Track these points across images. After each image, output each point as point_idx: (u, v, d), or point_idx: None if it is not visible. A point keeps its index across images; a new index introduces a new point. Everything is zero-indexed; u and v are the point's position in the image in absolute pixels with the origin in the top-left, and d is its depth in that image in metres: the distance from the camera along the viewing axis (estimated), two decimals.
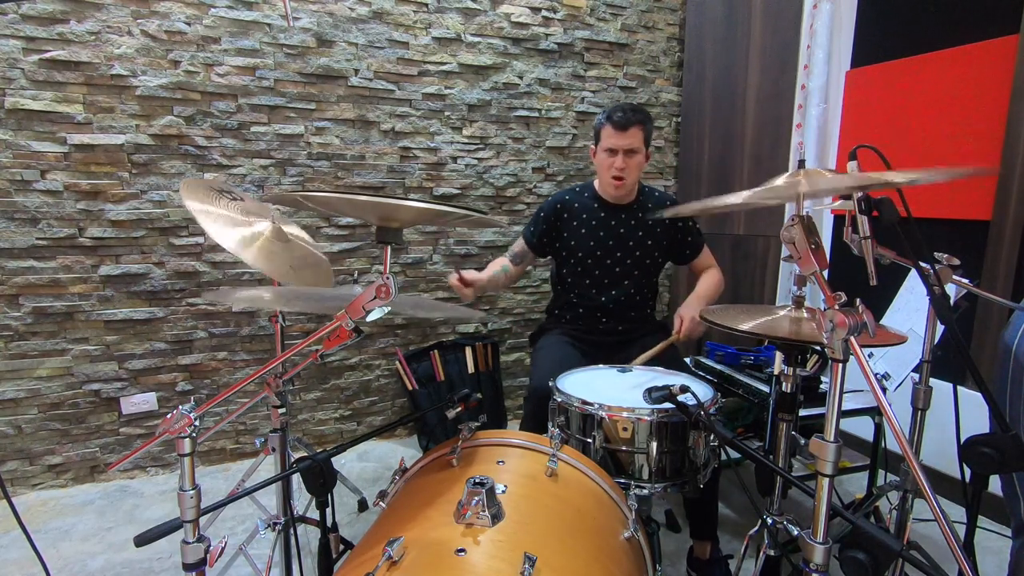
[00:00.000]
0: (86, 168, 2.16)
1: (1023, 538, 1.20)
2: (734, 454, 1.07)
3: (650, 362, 1.65)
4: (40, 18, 2.04)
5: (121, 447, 2.34)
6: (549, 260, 2.05)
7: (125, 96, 2.18)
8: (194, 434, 0.82)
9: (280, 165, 2.43)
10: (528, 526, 0.87)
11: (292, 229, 1.49)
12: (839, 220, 2.41)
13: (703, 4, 2.96)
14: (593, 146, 1.85)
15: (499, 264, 1.93)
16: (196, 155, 2.30)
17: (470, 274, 1.71)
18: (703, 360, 2.22)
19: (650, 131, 1.79)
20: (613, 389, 1.43)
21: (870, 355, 1.80)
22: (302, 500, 1.86)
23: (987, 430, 1.01)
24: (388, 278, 0.85)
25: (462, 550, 0.78)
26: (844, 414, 1.62)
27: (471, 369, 2.71)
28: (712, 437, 1.30)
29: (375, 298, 0.86)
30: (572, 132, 2.92)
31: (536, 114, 2.83)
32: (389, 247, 0.92)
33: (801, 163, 0.99)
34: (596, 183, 1.91)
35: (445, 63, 2.62)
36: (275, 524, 1.37)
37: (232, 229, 1.25)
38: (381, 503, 1.05)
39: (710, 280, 1.94)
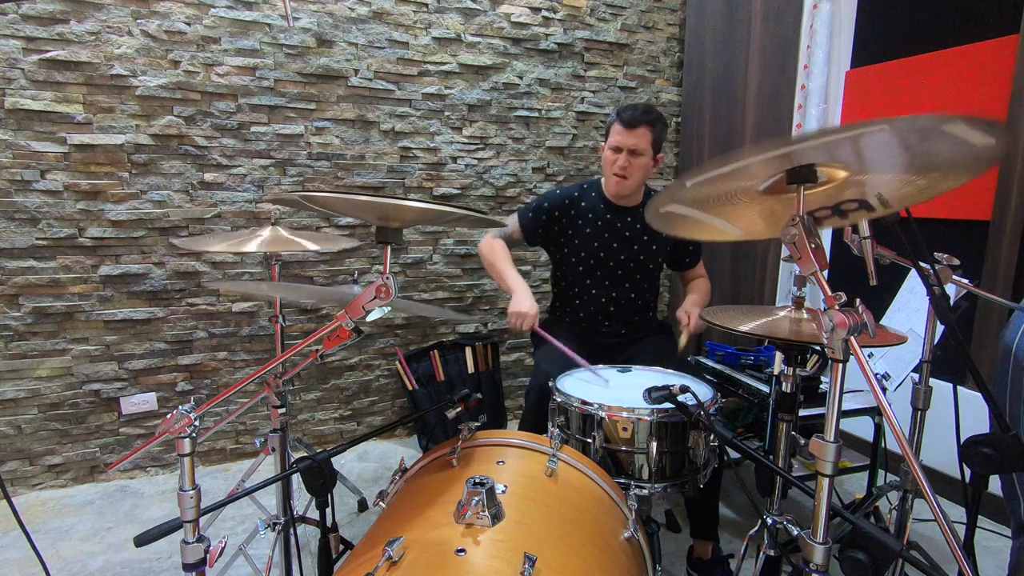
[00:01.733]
0: (86, 168, 2.17)
1: (1023, 538, 1.20)
2: (734, 454, 1.07)
3: (651, 362, 1.65)
4: (40, 18, 2.04)
5: (121, 447, 2.34)
6: (549, 260, 2.05)
7: (125, 96, 2.18)
8: (194, 434, 0.82)
9: (280, 165, 2.43)
10: (528, 526, 0.87)
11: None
12: None
13: (703, 4, 2.96)
14: (603, 143, 1.82)
15: (509, 259, 1.85)
16: (196, 155, 2.30)
17: (522, 305, 1.66)
18: (703, 360, 2.22)
19: (661, 134, 1.75)
20: (613, 389, 1.43)
21: (870, 355, 1.79)
22: (302, 500, 1.86)
23: (987, 430, 1.01)
24: (388, 278, 0.85)
25: (462, 550, 0.78)
26: (844, 414, 1.62)
27: (471, 369, 2.71)
28: (712, 437, 1.30)
29: (375, 298, 0.85)
30: (572, 132, 2.92)
31: (536, 114, 2.83)
32: (389, 247, 0.92)
33: None
34: (603, 182, 1.88)
35: (445, 63, 2.62)
36: (275, 524, 1.37)
37: None
38: (381, 503, 1.05)
39: (704, 289, 1.96)
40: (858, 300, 0.73)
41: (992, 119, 0.64)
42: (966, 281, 1.16)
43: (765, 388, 1.91)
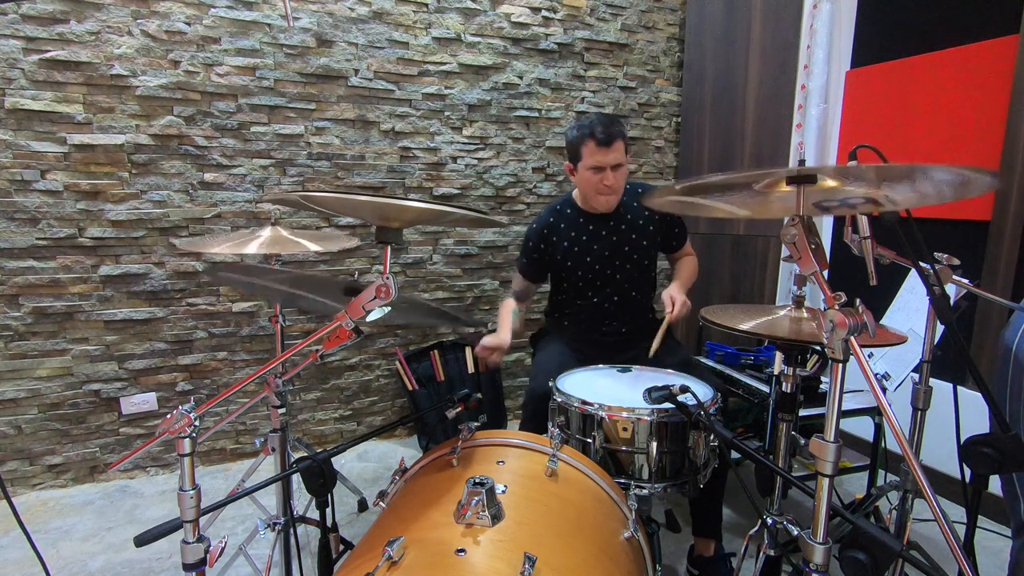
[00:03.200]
0: (86, 168, 2.17)
1: (1023, 538, 1.19)
2: (735, 454, 1.07)
3: (656, 363, 1.64)
4: (40, 18, 2.04)
5: (121, 447, 2.34)
6: None
7: (125, 96, 2.18)
8: (194, 434, 0.82)
9: (280, 165, 2.43)
10: (528, 526, 0.87)
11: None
12: (839, 220, 2.41)
13: (703, 4, 2.96)
14: (569, 163, 1.78)
15: (510, 310, 1.85)
16: (196, 155, 2.30)
17: (492, 339, 1.64)
18: (703, 360, 2.22)
19: (627, 140, 1.75)
20: (613, 389, 1.43)
21: (870, 355, 1.79)
22: (302, 500, 1.86)
23: (987, 430, 1.01)
24: (388, 278, 0.84)
25: (462, 550, 0.78)
26: (844, 414, 1.62)
27: (471, 369, 2.71)
28: (712, 437, 1.30)
29: (375, 298, 0.85)
30: None
31: (536, 114, 2.83)
32: (389, 247, 0.91)
33: (801, 163, 0.99)
34: (575, 195, 1.86)
35: (445, 63, 2.62)
36: (275, 524, 1.37)
37: None
38: (381, 503, 1.05)
39: (690, 266, 1.95)
40: (858, 300, 0.73)
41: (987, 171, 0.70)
42: (966, 281, 1.16)
43: (765, 388, 1.91)
